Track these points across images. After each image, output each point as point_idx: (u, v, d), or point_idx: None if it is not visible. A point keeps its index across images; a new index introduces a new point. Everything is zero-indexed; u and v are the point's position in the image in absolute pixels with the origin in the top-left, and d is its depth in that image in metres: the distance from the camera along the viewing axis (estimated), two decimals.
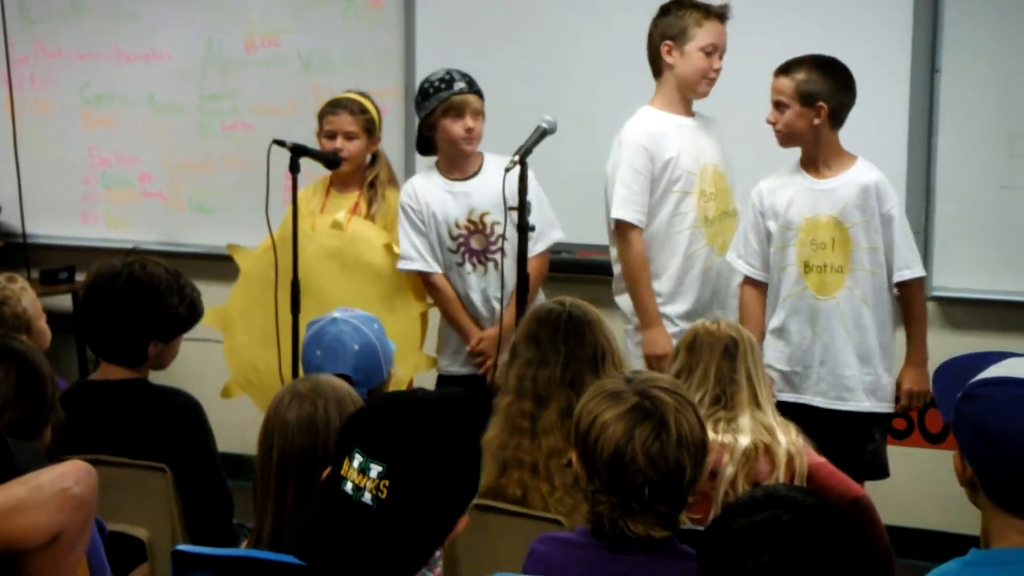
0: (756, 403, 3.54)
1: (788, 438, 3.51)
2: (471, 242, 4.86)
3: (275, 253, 4.74)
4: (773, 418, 3.55)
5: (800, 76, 4.46)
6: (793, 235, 4.54)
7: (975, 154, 5.31)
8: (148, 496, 3.63)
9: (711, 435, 3.31)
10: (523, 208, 4.36)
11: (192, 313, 3.86)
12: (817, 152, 4.52)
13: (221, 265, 5.56)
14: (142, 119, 6.60)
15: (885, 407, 4.58)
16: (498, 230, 4.76)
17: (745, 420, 3.50)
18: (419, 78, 5.98)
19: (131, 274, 3.76)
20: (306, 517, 2.26)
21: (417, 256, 4.90)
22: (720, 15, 4.76)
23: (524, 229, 4.38)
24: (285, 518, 2.83)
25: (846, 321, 4.51)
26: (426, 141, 4.96)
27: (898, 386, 4.58)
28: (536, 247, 4.86)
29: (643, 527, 2.72)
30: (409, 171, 6.02)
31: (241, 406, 5.03)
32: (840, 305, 4.51)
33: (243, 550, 2.99)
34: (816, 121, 4.45)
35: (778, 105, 4.50)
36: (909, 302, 4.57)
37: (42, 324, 4.16)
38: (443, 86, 4.82)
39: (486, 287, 4.84)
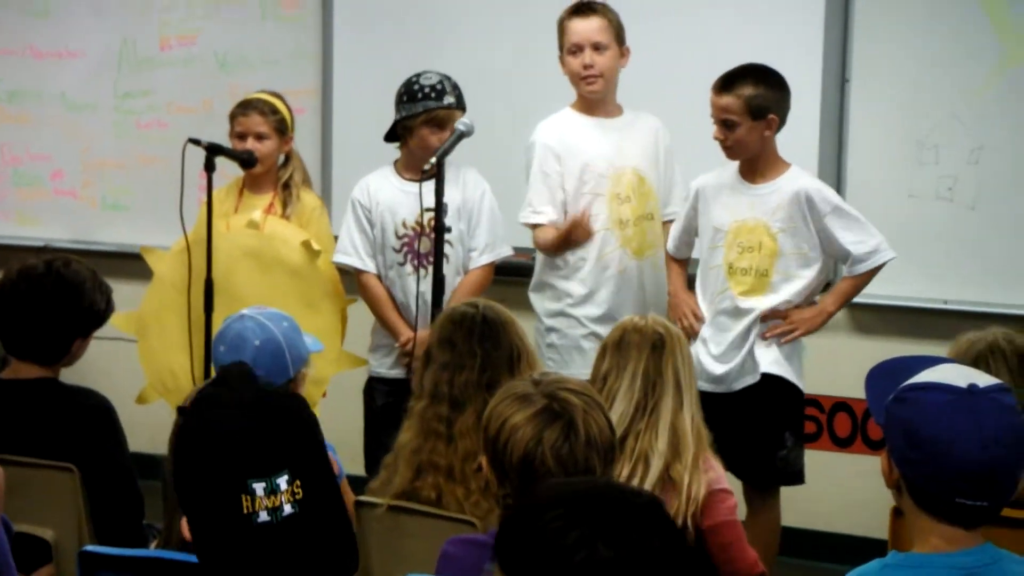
0: (680, 403, 3.53)
1: (691, 458, 3.49)
2: (416, 244, 4.85)
3: (189, 254, 4.71)
4: (691, 425, 3.54)
5: (747, 92, 4.46)
6: (722, 237, 4.58)
7: (884, 163, 5.39)
8: (55, 496, 3.59)
9: (624, 455, 3.34)
10: (439, 209, 4.37)
11: (108, 309, 3.87)
12: (758, 161, 4.56)
13: (134, 264, 5.51)
14: (55, 117, 6.54)
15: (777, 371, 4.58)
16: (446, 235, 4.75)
17: (663, 437, 3.48)
18: (336, 78, 6.04)
19: (58, 272, 3.75)
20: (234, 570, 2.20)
21: (353, 252, 4.91)
22: (577, 10, 4.77)
23: (440, 230, 4.39)
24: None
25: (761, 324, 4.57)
26: (393, 133, 4.92)
27: (785, 314, 4.59)
28: (481, 258, 4.90)
29: None
30: (326, 170, 6.01)
31: (152, 406, 5.00)
32: (759, 307, 4.56)
33: (151, 551, 2.98)
34: (767, 133, 4.50)
35: (725, 123, 4.50)
36: (855, 276, 4.60)
37: None
38: (432, 94, 4.78)
39: (425, 291, 4.78)
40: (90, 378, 6.15)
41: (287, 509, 2.16)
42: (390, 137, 4.95)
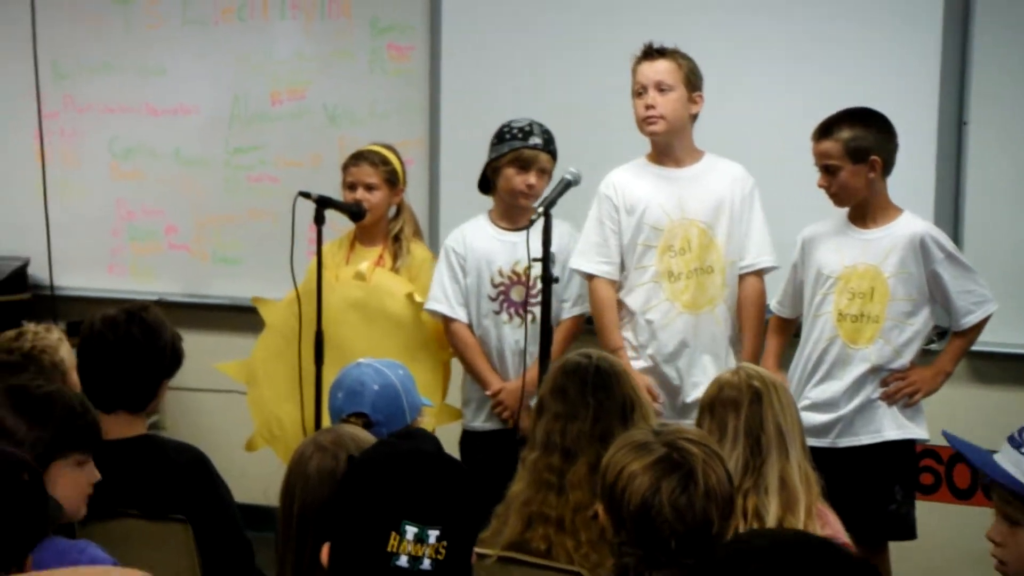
0: (786, 455, 3.47)
1: (804, 510, 3.43)
2: (511, 293, 4.85)
3: (299, 305, 4.74)
4: (799, 474, 3.49)
5: (845, 135, 4.42)
6: (832, 283, 4.52)
7: (1003, 206, 5.28)
8: (167, 549, 3.61)
9: (736, 514, 3.29)
10: (547, 259, 4.35)
11: (182, 349, 3.88)
12: (868, 206, 4.50)
13: (245, 317, 5.57)
14: (169, 172, 6.63)
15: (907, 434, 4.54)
16: (540, 284, 4.74)
17: (773, 493, 3.41)
18: (444, 130, 6.07)
19: (140, 318, 3.78)
20: None
21: (443, 300, 4.91)
22: (646, 54, 4.73)
23: (548, 280, 4.37)
24: (304, 570, 2.81)
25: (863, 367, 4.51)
26: (487, 181, 4.95)
27: (904, 375, 4.53)
28: (573, 309, 4.90)
29: None
30: (434, 222, 6.03)
31: (263, 457, 5.02)
32: (869, 356, 4.48)
33: None
34: (871, 175, 4.43)
35: (827, 169, 4.46)
36: (967, 330, 4.55)
37: (75, 376, 4.16)
38: (520, 135, 4.82)
39: (519, 339, 4.80)
40: (202, 429, 6.25)
41: (426, 563, 2.22)
42: (483, 187, 4.95)
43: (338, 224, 5.16)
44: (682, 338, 4.71)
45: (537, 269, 4.41)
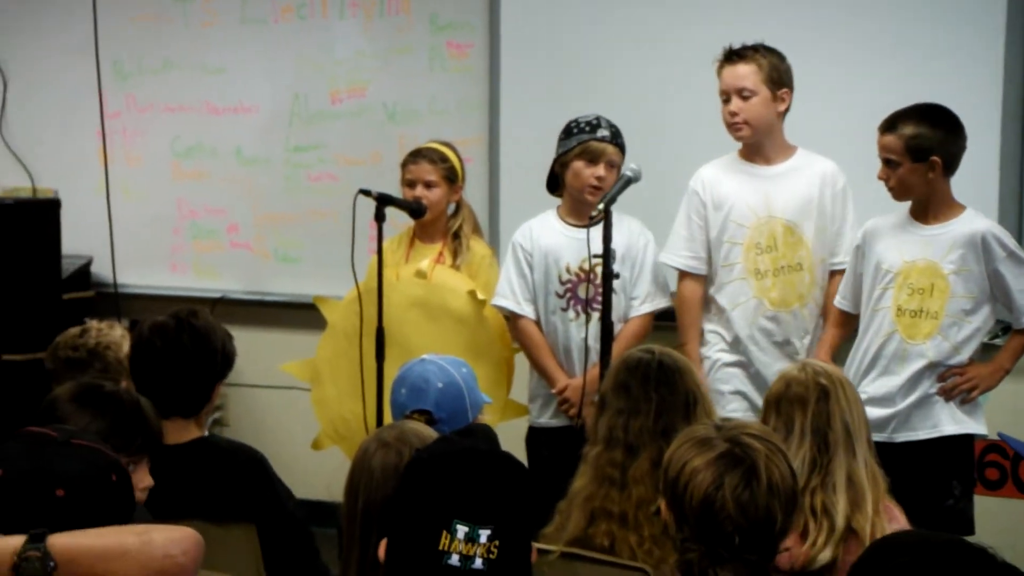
0: (853, 452, 3.46)
1: (871, 507, 3.42)
2: (578, 290, 4.83)
3: (360, 304, 4.75)
4: (865, 470, 3.47)
5: (907, 132, 4.38)
6: (891, 278, 4.50)
7: None
8: (231, 552, 3.62)
9: (804, 512, 3.28)
10: (607, 256, 4.35)
11: (235, 350, 3.88)
12: (929, 202, 4.47)
13: (306, 314, 5.60)
14: (230, 171, 6.67)
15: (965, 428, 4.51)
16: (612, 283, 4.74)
17: (841, 491, 3.41)
18: (504, 127, 6.07)
19: (190, 323, 3.77)
20: None
21: (510, 295, 4.91)
22: (726, 58, 4.73)
23: (608, 277, 4.37)
24: (368, 567, 2.83)
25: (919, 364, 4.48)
26: (555, 179, 4.95)
27: (963, 371, 4.50)
28: (642, 308, 4.88)
29: None
30: (494, 219, 6.04)
31: (326, 453, 5.05)
32: (927, 352, 4.46)
33: None
34: (931, 175, 4.40)
35: (888, 163, 4.43)
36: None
37: None
38: (587, 128, 4.81)
39: (585, 336, 4.77)
40: (265, 427, 6.30)
41: (477, 563, 2.22)
42: (551, 186, 4.95)
43: (397, 221, 5.18)
44: (775, 335, 4.72)
45: (598, 262, 4.42)
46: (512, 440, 4.98)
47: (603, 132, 4.79)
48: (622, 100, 5.57)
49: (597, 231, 4.41)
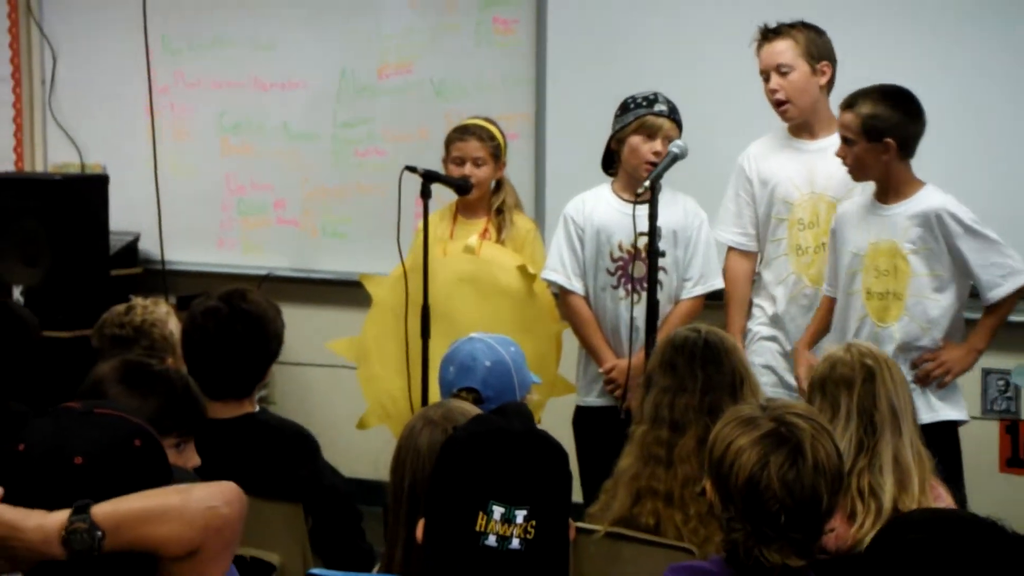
0: (899, 433, 3.44)
1: (917, 487, 3.39)
2: (630, 268, 4.78)
3: (406, 281, 4.75)
4: (911, 451, 3.44)
5: (865, 111, 4.33)
6: (860, 261, 4.46)
7: None
8: (279, 524, 3.64)
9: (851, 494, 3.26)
10: (653, 233, 4.33)
11: (283, 327, 3.87)
12: (887, 184, 4.42)
13: (353, 291, 5.60)
14: (277, 147, 6.68)
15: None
16: (661, 261, 4.71)
17: (888, 472, 3.38)
18: (550, 103, 6.05)
19: (241, 308, 3.77)
20: None
21: (560, 269, 4.88)
22: (763, 36, 4.72)
23: (654, 254, 4.35)
24: (415, 545, 2.83)
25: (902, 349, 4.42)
26: (609, 158, 4.91)
27: (934, 356, 4.43)
28: (694, 289, 4.85)
29: (779, 556, 2.67)
30: (539, 195, 6.03)
31: (373, 432, 5.06)
32: (895, 334, 4.41)
33: (374, 575, 3.00)
34: (885, 157, 4.34)
35: (846, 140, 4.39)
36: (998, 303, 4.43)
37: (181, 350, 4.21)
38: (644, 104, 4.76)
39: (636, 316, 4.71)
40: (311, 404, 6.32)
41: (514, 543, 2.23)
42: (606, 164, 4.92)
43: (442, 197, 5.17)
44: (810, 312, 4.70)
45: (662, 246, 4.38)
46: (559, 418, 4.99)
47: (660, 107, 4.75)
48: (670, 75, 5.54)
49: (645, 208, 4.39)
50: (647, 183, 4.34)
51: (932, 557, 2.06)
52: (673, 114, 4.77)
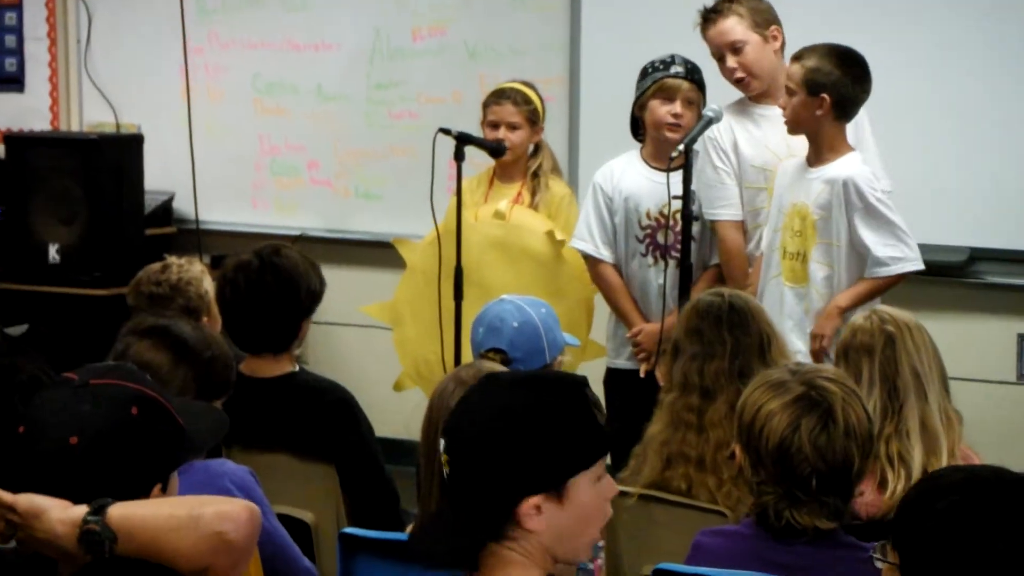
0: (924, 397, 3.42)
1: (948, 449, 3.40)
2: (658, 236, 4.75)
3: (439, 245, 4.76)
4: (939, 415, 3.43)
5: (809, 64, 4.30)
6: (782, 219, 4.43)
7: None
8: (313, 485, 3.67)
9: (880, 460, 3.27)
10: (687, 197, 4.32)
11: (323, 284, 3.88)
12: (817, 142, 4.37)
13: (386, 252, 5.62)
14: (311, 108, 6.70)
15: None
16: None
17: (915, 438, 3.37)
18: (584, 67, 6.04)
19: (272, 263, 3.79)
20: None
21: (589, 239, 4.85)
22: (705, 18, 4.67)
23: (688, 219, 4.34)
24: None
25: (796, 311, 4.40)
26: (637, 125, 4.87)
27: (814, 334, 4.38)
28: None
29: (809, 518, 2.69)
30: (573, 160, 6.02)
31: (405, 392, 5.08)
32: (802, 297, 4.38)
33: (406, 534, 3.02)
34: (818, 112, 4.30)
35: (789, 91, 4.36)
36: (876, 279, 4.36)
37: (216, 309, 4.24)
38: (661, 67, 4.72)
39: (663, 283, 4.68)
40: (344, 364, 6.35)
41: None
42: (634, 131, 4.90)
43: (477, 160, 5.18)
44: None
45: (678, 208, 4.38)
46: (591, 381, 4.98)
47: (677, 68, 4.71)
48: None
49: (678, 176, 4.37)
50: (681, 148, 4.32)
51: (965, 518, 2.06)
52: (692, 75, 4.72)
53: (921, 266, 4.37)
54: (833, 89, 4.28)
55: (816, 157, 4.39)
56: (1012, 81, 5.35)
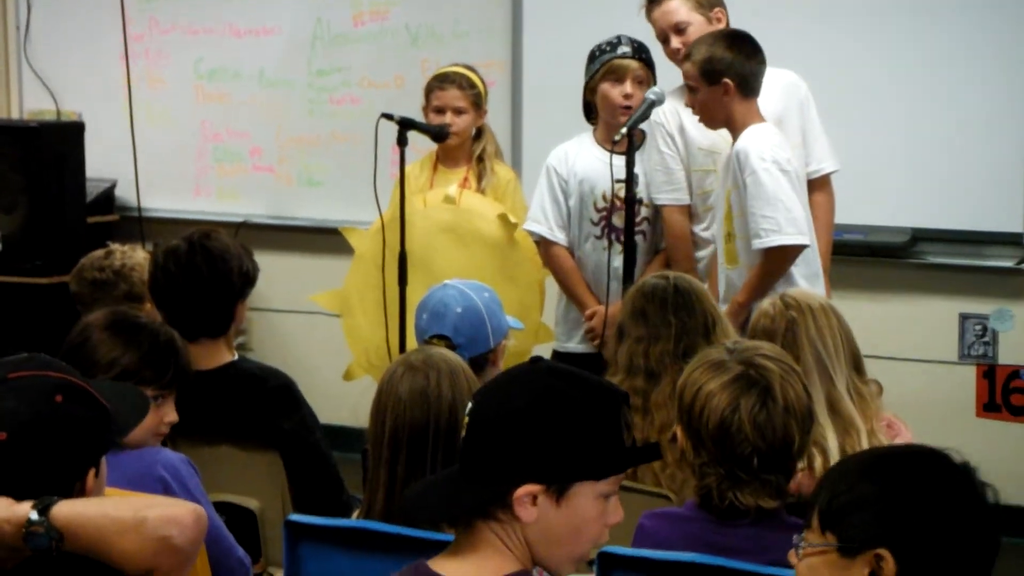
0: (831, 381, 3.38)
1: (867, 428, 3.38)
2: (613, 218, 4.73)
3: (383, 233, 4.75)
4: (849, 395, 3.39)
5: (700, 56, 4.31)
6: (722, 206, 4.44)
7: None
8: (258, 472, 3.66)
9: None
10: (630, 179, 4.33)
11: (255, 268, 3.88)
12: (733, 126, 4.37)
13: (330, 239, 5.61)
14: (253, 94, 6.66)
15: None
16: (643, 211, 4.66)
17: (825, 421, 3.31)
18: (527, 51, 6.04)
19: (202, 246, 3.78)
20: None
21: (543, 220, 4.85)
22: (649, 1, 4.67)
23: (631, 202, 4.35)
24: (396, 490, 2.85)
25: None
26: (589, 109, 4.85)
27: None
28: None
29: (752, 498, 2.70)
30: (516, 144, 6.02)
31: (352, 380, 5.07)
32: (736, 280, 4.39)
33: (353, 520, 3.02)
34: (725, 98, 4.31)
35: (691, 90, 4.38)
36: (762, 262, 4.32)
37: None
38: (608, 49, 4.72)
39: (617, 266, 4.63)
40: (289, 351, 6.33)
41: None
42: (587, 114, 4.89)
43: (420, 145, 5.17)
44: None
45: (645, 194, 4.36)
46: None
47: (624, 49, 4.71)
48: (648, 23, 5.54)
49: (639, 157, 4.35)
50: (623, 131, 4.32)
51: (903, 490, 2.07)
52: (639, 54, 4.72)
53: (804, 241, 4.27)
54: (731, 70, 4.29)
55: (735, 136, 4.38)
56: (956, 64, 5.38)
